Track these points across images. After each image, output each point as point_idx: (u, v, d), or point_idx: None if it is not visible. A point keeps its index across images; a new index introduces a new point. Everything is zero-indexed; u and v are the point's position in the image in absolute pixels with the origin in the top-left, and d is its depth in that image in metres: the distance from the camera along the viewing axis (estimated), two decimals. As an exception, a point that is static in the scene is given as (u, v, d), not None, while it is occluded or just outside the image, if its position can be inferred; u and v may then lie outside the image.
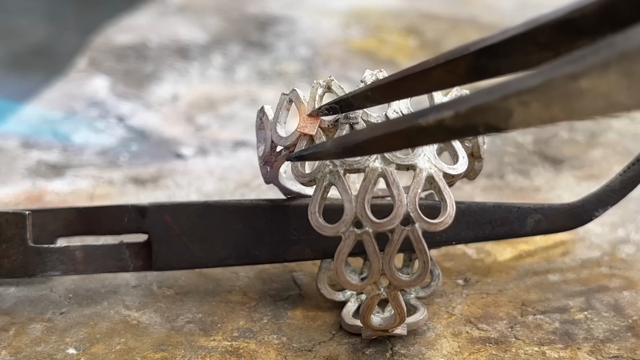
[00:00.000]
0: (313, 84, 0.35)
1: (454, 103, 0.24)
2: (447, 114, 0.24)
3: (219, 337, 0.36)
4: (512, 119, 0.23)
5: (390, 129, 0.26)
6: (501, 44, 0.26)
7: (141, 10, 0.73)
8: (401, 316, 0.34)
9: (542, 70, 0.22)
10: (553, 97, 0.22)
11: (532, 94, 0.22)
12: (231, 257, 0.37)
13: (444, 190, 0.33)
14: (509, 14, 0.72)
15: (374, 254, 0.32)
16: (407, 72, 0.30)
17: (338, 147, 0.28)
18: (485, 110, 0.23)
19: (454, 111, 0.24)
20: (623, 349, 0.34)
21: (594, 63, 0.21)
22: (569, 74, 0.21)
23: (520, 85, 0.22)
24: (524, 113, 0.22)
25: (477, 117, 0.23)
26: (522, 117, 0.22)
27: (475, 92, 0.24)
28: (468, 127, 0.24)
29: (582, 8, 0.24)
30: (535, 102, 0.22)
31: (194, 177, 0.49)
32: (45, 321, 0.37)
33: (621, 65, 0.20)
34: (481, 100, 0.23)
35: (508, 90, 0.22)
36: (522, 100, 0.22)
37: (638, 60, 0.20)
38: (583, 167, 0.49)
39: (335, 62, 0.64)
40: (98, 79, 0.61)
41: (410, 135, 0.25)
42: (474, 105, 0.23)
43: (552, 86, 0.22)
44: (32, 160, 0.51)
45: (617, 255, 0.41)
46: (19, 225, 0.37)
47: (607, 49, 0.21)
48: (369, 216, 0.32)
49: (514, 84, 0.22)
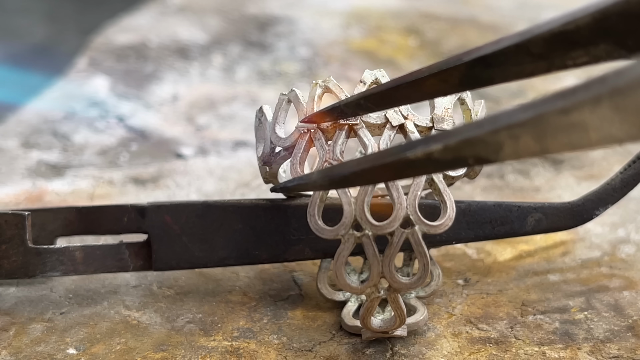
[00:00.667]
0: (312, 84, 0.35)
1: (442, 136, 0.23)
2: (435, 147, 0.23)
3: (219, 337, 0.36)
4: (502, 151, 0.22)
5: (377, 162, 0.25)
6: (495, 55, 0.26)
7: (141, 10, 0.73)
8: (401, 318, 0.34)
9: (533, 104, 0.22)
10: (544, 131, 0.21)
11: (522, 127, 0.22)
12: (231, 257, 0.37)
13: (444, 192, 0.33)
14: (509, 14, 0.71)
15: (374, 257, 0.32)
16: (399, 81, 0.29)
17: (324, 179, 0.28)
18: (475, 144, 0.23)
19: (443, 144, 0.23)
20: (623, 349, 0.34)
21: (586, 98, 0.21)
22: (560, 109, 0.21)
23: (511, 119, 0.22)
24: (514, 146, 0.22)
25: (466, 150, 0.23)
26: (512, 149, 0.22)
27: (464, 125, 0.23)
28: (457, 160, 0.23)
29: (576, 20, 0.24)
30: (526, 135, 0.22)
31: (194, 177, 0.49)
32: (45, 321, 0.37)
33: (613, 100, 0.20)
34: (471, 133, 0.23)
35: (498, 124, 0.22)
36: (512, 134, 0.22)
37: (629, 95, 0.20)
38: (583, 167, 0.49)
39: (335, 62, 0.64)
40: (98, 79, 0.61)
41: (398, 168, 0.25)
42: (464, 139, 0.23)
43: (543, 120, 0.21)
44: (32, 160, 0.51)
45: (617, 255, 0.41)
46: (18, 226, 0.37)
47: (598, 84, 0.21)
48: (368, 219, 0.32)
49: (504, 117, 0.22)
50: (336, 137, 0.34)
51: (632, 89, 0.20)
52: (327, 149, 0.33)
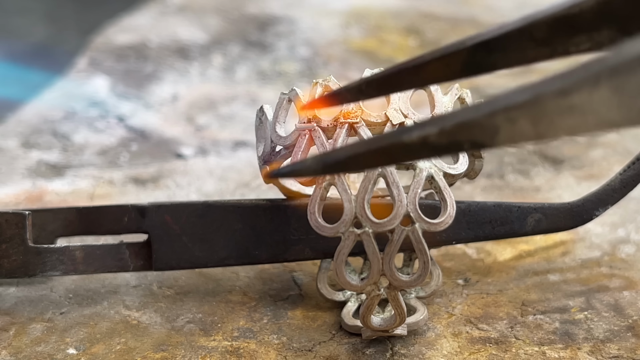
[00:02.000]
0: (312, 83, 0.35)
1: (438, 120, 0.23)
2: (431, 131, 0.23)
3: (219, 337, 0.36)
4: (498, 135, 0.22)
5: (372, 146, 0.25)
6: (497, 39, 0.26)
7: (141, 10, 0.73)
8: (401, 316, 0.34)
9: (532, 86, 0.22)
10: (541, 114, 0.21)
11: (520, 110, 0.22)
12: (231, 257, 0.37)
13: (444, 189, 0.33)
14: (509, 14, 0.71)
15: (374, 255, 0.32)
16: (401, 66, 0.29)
17: (318, 164, 0.28)
18: (471, 127, 0.23)
19: (439, 128, 0.23)
20: (623, 349, 0.34)
21: (585, 78, 0.20)
22: (558, 90, 0.21)
23: (508, 101, 0.22)
24: (511, 130, 0.22)
25: (462, 133, 0.23)
26: (509, 134, 0.22)
27: (460, 109, 0.23)
28: (453, 144, 0.23)
29: (580, 4, 0.24)
30: (523, 118, 0.22)
31: (194, 177, 0.49)
32: (45, 321, 0.37)
33: (612, 81, 0.20)
34: (467, 116, 0.23)
35: (495, 107, 0.22)
36: (509, 117, 0.22)
37: (628, 76, 0.20)
38: (583, 167, 0.49)
39: (335, 62, 0.64)
40: (98, 79, 0.61)
41: (393, 152, 0.25)
42: (460, 122, 0.23)
43: (541, 102, 0.21)
44: (32, 160, 0.51)
45: (617, 255, 0.41)
46: (18, 225, 0.37)
47: (597, 64, 0.20)
48: (368, 216, 0.32)
49: (501, 100, 0.22)
50: (336, 136, 0.34)
51: (631, 69, 0.20)
52: (327, 147, 0.33)
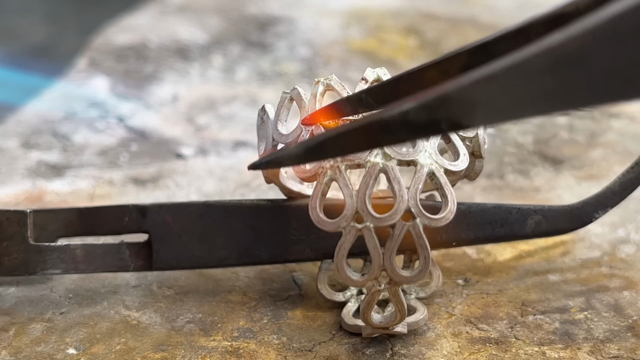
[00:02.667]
0: (314, 82, 0.35)
1: (419, 96, 0.23)
2: (410, 106, 0.23)
3: (219, 337, 0.36)
4: (476, 112, 0.22)
5: (352, 126, 0.25)
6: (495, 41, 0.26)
7: (141, 10, 0.73)
8: (402, 313, 0.33)
9: (510, 55, 0.22)
10: (518, 84, 0.21)
11: (498, 81, 0.22)
12: (231, 257, 0.37)
13: (445, 185, 0.33)
14: (509, 14, 0.72)
15: (375, 250, 0.32)
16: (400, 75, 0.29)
17: (300, 149, 0.27)
18: (450, 102, 0.23)
19: (418, 102, 0.23)
20: (623, 349, 0.34)
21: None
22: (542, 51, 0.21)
23: (487, 71, 0.22)
24: (489, 104, 0.22)
25: (441, 110, 0.23)
26: (487, 110, 0.22)
27: (440, 85, 0.23)
28: (432, 123, 0.23)
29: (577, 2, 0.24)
30: (501, 91, 0.22)
31: (194, 177, 0.49)
32: (45, 321, 0.37)
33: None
34: (446, 89, 0.23)
35: (474, 77, 0.22)
36: (487, 88, 0.22)
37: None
38: (583, 167, 0.49)
39: (335, 62, 0.64)
40: (98, 79, 0.61)
41: (373, 132, 0.24)
42: (439, 95, 0.23)
43: (519, 68, 0.21)
44: (32, 160, 0.51)
45: (617, 255, 0.41)
46: (19, 223, 0.37)
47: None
48: (369, 211, 0.32)
49: (480, 71, 0.22)
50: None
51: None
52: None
